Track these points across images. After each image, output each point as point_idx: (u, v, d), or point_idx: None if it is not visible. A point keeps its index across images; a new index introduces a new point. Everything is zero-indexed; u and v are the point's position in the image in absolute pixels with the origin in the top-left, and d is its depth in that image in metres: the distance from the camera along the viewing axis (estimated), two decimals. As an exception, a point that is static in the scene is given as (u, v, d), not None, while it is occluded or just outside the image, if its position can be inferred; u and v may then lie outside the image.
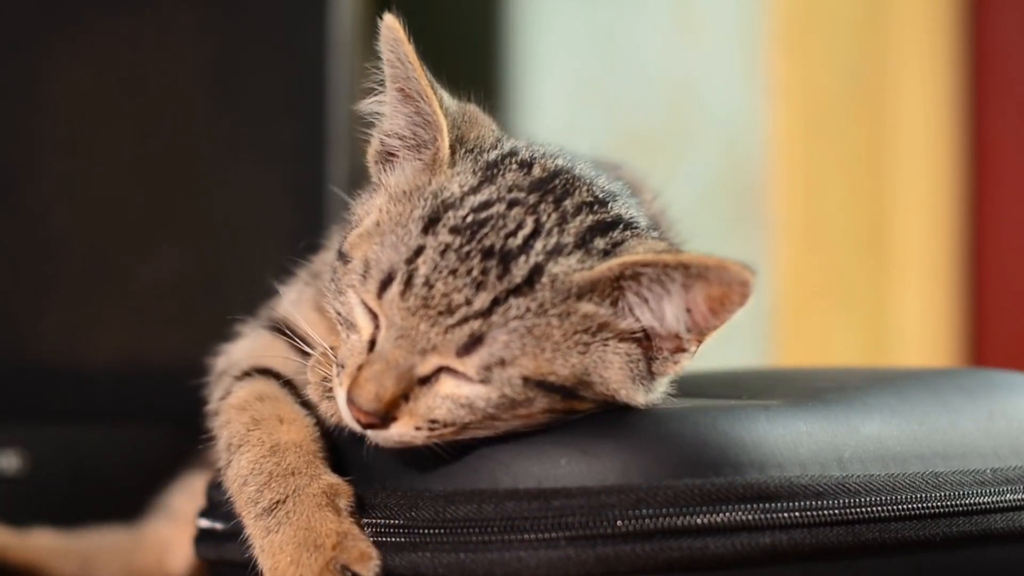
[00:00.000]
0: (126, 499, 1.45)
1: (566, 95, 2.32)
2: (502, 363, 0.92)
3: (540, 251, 0.94)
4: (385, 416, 0.93)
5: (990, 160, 2.57)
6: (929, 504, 0.98)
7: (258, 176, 1.69)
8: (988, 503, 1.00)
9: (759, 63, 2.36)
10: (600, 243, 0.95)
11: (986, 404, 1.07)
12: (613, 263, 0.93)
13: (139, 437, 1.61)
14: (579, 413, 0.95)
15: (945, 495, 0.98)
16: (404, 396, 0.93)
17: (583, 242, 0.95)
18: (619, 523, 0.91)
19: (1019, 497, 1.01)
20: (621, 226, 0.97)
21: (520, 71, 2.27)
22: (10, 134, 1.66)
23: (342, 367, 0.96)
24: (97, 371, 1.66)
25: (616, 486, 0.92)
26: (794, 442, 0.96)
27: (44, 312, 1.66)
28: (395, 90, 1.01)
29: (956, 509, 0.99)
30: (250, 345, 1.10)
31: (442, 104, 1.00)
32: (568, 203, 0.97)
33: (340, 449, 1.00)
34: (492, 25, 2.27)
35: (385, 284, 0.94)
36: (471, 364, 0.92)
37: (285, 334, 1.07)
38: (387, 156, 1.03)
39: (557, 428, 0.94)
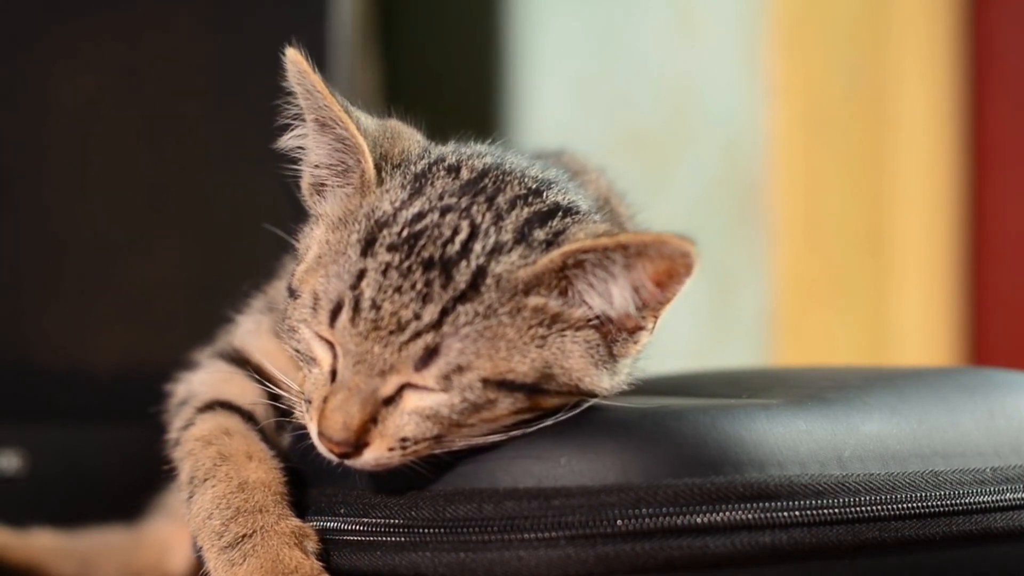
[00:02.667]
0: (126, 499, 1.45)
1: (566, 95, 2.32)
2: (459, 370, 0.92)
3: (480, 253, 0.93)
4: (357, 443, 0.93)
5: (990, 159, 2.57)
6: (929, 503, 0.98)
7: (258, 176, 1.68)
8: (988, 502, 1.00)
9: (759, 63, 2.36)
10: (540, 234, 0.95)
11: (986, 403, 1.07)
12: (554, 255, 0.93)
13: (139, 437, 1.60)
14: (550, 412, 0.94)
15: (945, 494, 0.98)
16: (373, 420, 0.93)
17: (522, 236, 0.95)
18: (619, 522, 0.91)
19: (1019, 496, 1.01)
20: (560, 213, 0.97)
21: (520, 71, 2.27)
22: (11, 134, 1.66)
23: (309, 402, 0.95)
24: (97, 371, 1.66)
25: (616, 485, 0.91)
26: (794, 441, 0.96)
27: (44, 312, 1.66)
28: (312, 121, 1.01)
29: (956, 508, 0.99)
30: (208, 376, 1.10)
31: (359, 126, 0.99)
32: (501, 200, 0.97)
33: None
34: (492, 25, 2.27)
35: (335, 313, 0.93)
36: (430, 376, 0.92)
37: (242, 365, 1.07)
38: (319, 187, 1.03)
39: (557, 428, 0.94)
